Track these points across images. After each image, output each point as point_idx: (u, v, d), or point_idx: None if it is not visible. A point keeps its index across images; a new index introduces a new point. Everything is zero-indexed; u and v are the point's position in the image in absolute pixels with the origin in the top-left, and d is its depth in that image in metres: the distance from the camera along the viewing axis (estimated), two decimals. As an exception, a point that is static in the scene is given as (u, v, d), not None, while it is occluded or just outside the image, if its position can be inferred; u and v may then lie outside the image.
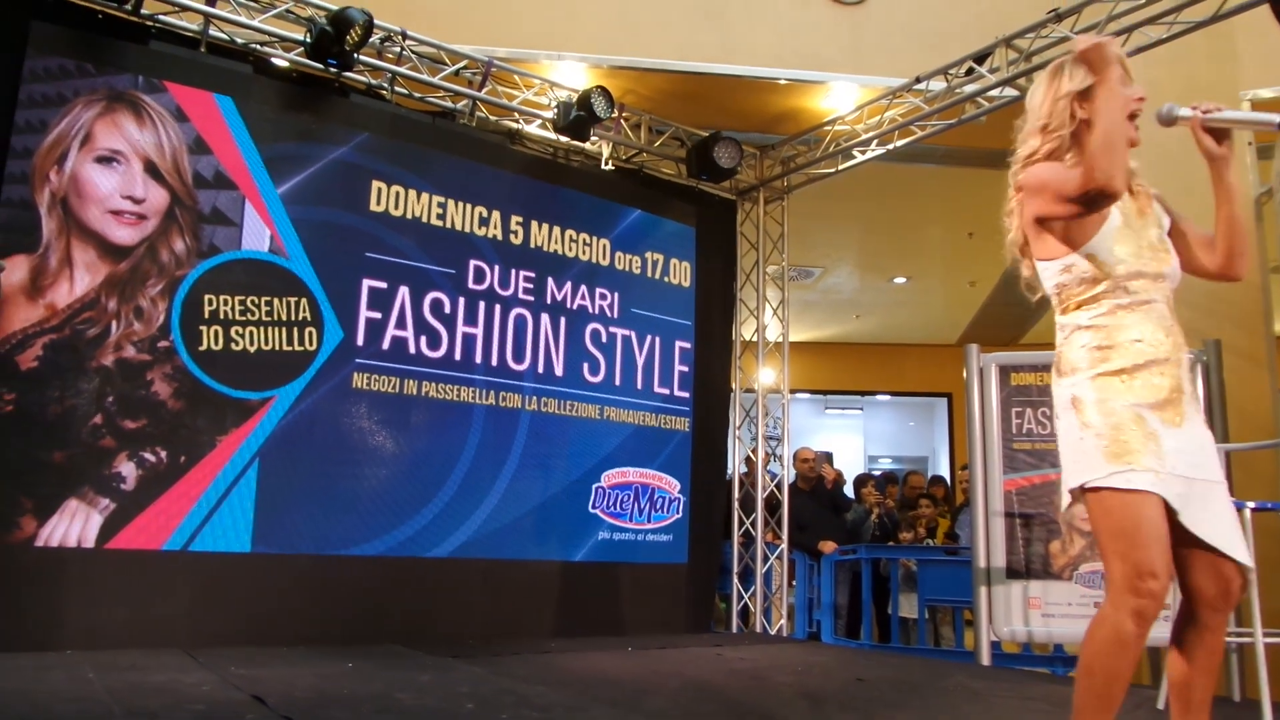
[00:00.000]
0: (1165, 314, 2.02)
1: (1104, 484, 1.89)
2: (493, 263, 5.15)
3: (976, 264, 8.63)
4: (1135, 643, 1.84)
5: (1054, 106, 2.09)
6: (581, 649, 4.54)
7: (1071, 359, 2.03)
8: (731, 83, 5.80)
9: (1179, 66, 5.16)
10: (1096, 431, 1.93)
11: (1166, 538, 1.87)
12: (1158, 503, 1.87)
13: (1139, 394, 1.94)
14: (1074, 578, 4.62)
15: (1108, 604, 1.88)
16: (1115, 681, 1.86)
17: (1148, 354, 1.96)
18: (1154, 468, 1.88)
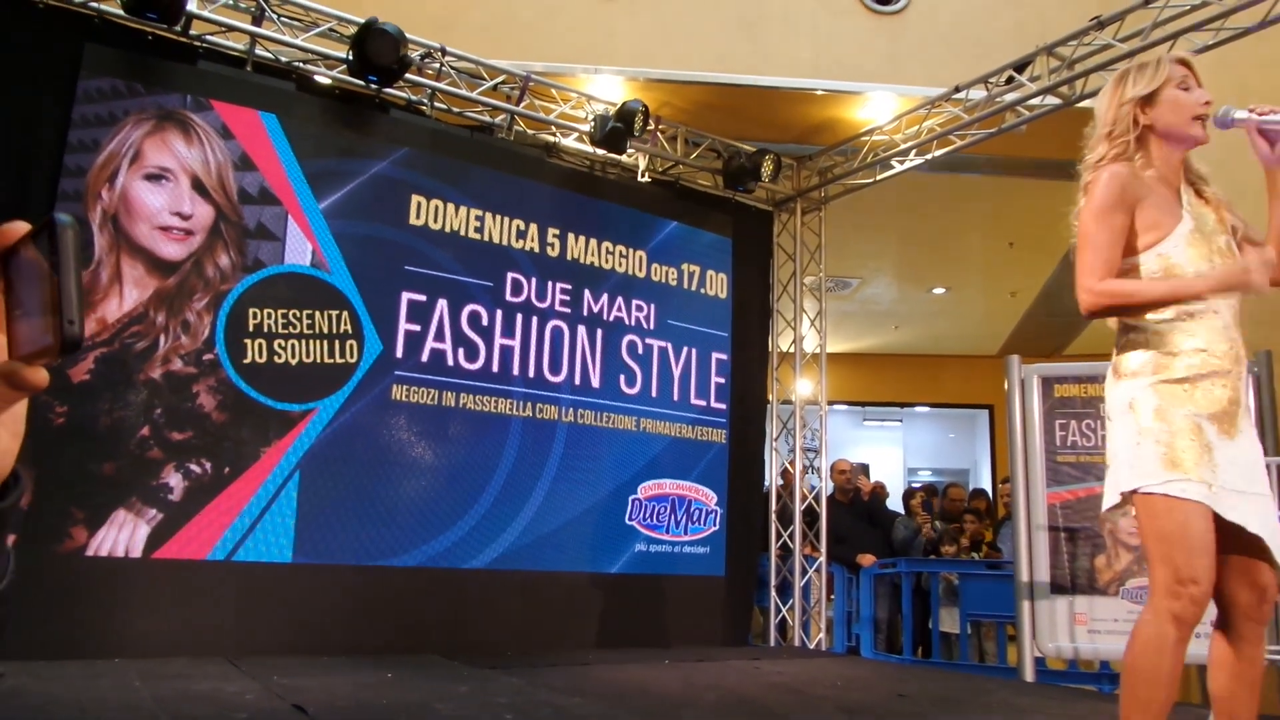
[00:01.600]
0: (1230, 324, 2.01)
1: (1158, 490, 1.88)
2: (530, 275, 5.18)
3: (1017, 274, 8.53)
4: (1175, 647, 1.84)
5: (1118, 113, 2.12)
6: (619, 661, 4.53)
7: (1132, 362, 2.02)
8: (768, 94, 5.81)
9: (1228, 73, 5.06)
10: (1155, 438, 1.92)
11: (1213, 548, 1.87)
12: (1207, 514, 1.86)
13: (1199, 404, 1.93)
14: (1120, 593, 4.53)
15: (1149, 608, 1.89)
16: (1156, 685, 1.84)
17: (1211, 364, 1.96)
18: (1208, 479, 1.88)
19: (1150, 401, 1.94)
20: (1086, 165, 2.15)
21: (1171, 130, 2.08)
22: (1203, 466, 1.88)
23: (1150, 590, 1.90)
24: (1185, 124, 2.07)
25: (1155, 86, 2.08)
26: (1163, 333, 1.99)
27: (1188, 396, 1.93)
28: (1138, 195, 2.02)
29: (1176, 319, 1.99)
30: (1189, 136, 2.08)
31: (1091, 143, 2.17)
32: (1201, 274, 1.97)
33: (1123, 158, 2.09)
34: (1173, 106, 2.07)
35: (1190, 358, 1.96)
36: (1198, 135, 2.08)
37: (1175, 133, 2.08)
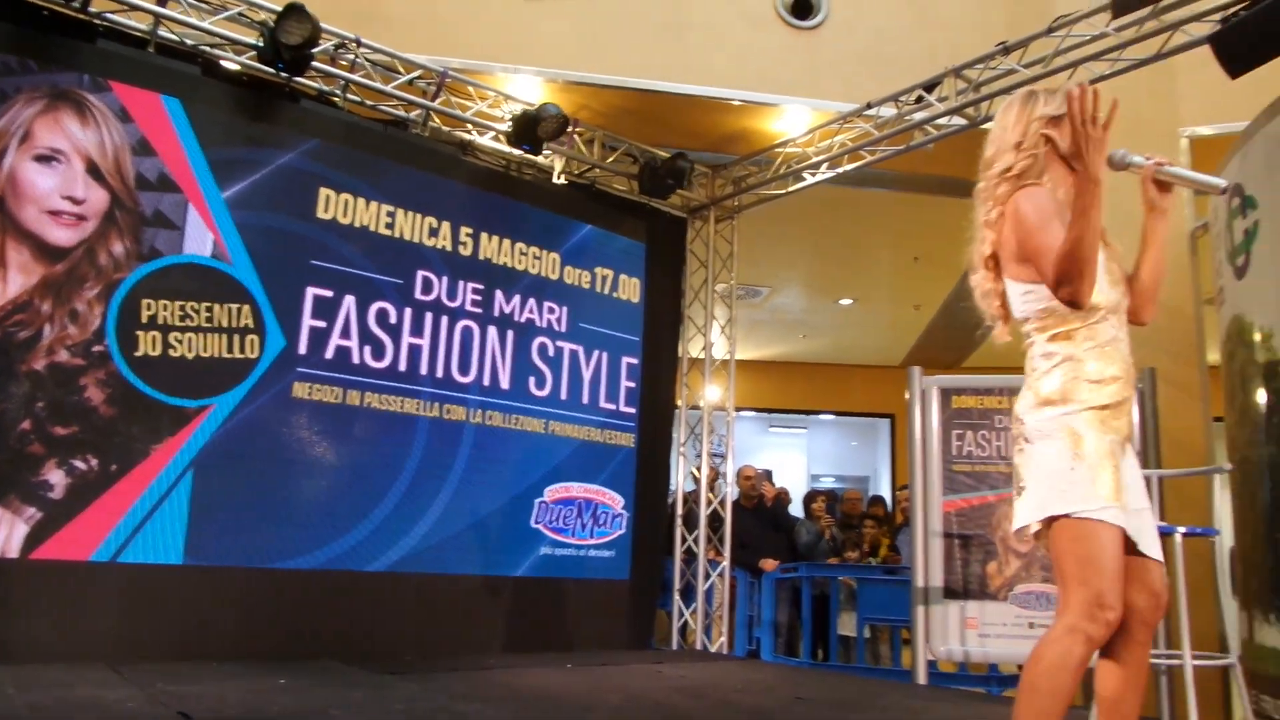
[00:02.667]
0: (1127, 350, 2.09)
1: (1094, 516, 1.92)
2: (441, 274, 5.11)
3: (921, 288, 8.78)
4: (1081, 666, 1.90)
5: (1028, 127, 2.15)
6: (521, 665, 4.50)
7: (1060, 387, 2.03)
8: (686, 101, 5.85)
9: (1122, 103, 5.30)
10: (1089, 465, 1.96)
11: (1124, 573, 1.93)
12: (1121, 538, 1.93)
13: (1116, 429, 2.00)
14: (1009, 598, 4.70)
15: (1061, 627, 1.92)
16: (1058, 702, 1.90)
17: (1124, 392, 2.03)
18: (1125, 504, 1.95)
19: (1079, 429, 1.98)
20: (992, 173, 2.17)
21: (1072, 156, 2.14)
22: (1120, 492, 1.95)
23: (1064, 609, 1.93)
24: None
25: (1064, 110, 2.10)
26: (1083, 359, 2.03)
27: (1108, 425, 2.00)
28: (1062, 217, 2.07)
29: (1095, 346, 2.04)
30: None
31: (993, 154, 2.19)
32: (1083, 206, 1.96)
33: (1030, 172, 2.13)
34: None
35: (1110, 385, 2.01)
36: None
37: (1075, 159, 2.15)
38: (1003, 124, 2.22)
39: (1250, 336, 4.22)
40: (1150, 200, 2.11)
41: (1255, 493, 4.18)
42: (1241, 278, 4.35)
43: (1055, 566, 1.99)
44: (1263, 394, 4.10)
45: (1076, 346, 2.04)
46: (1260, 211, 4.18)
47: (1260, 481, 4.12)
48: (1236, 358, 4.42)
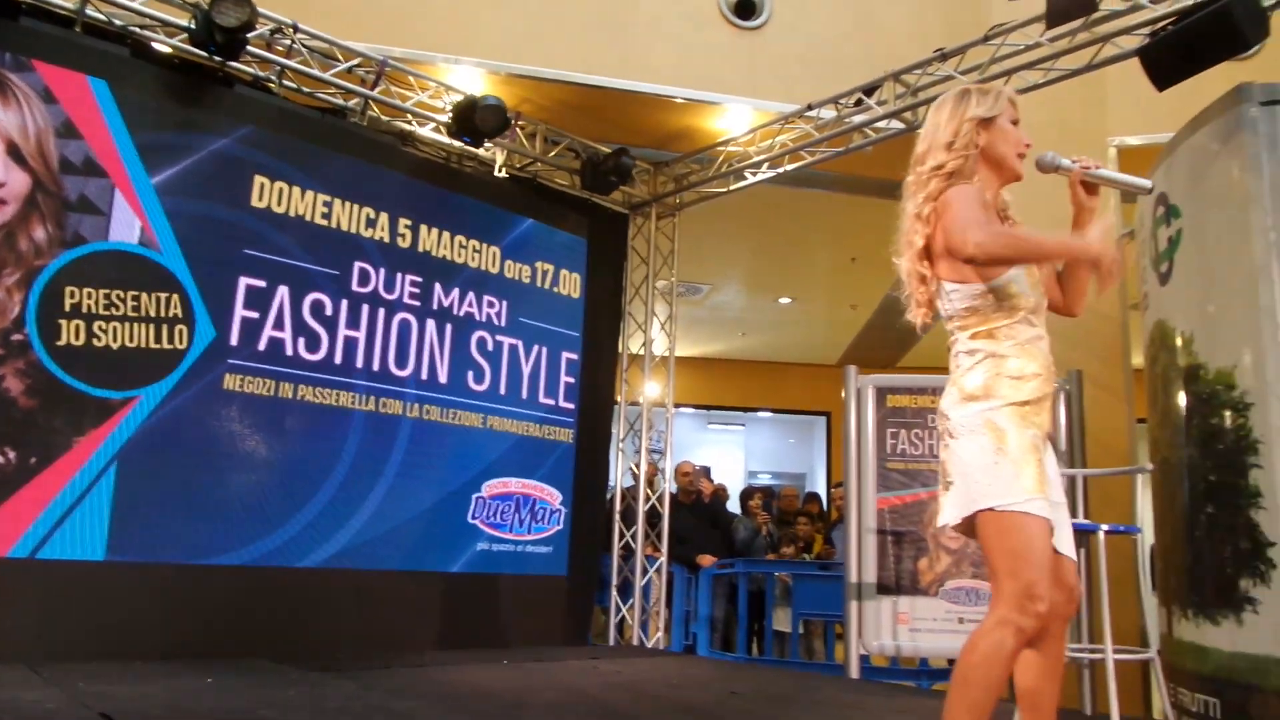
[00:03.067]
0: (1047, 348, 2.14)
1: (1020, 509, 1.97)
2: (378, 265, 5.03)
3: (858, 288, 8.91)
4: (1012, 657, 1.95)
5: (960, 127, 2.19)
6: (456, 662, 4.46)
7: (982, 384, 2.08)
8: (629, 98, 5.84)
9: (1053, 111, 5.45)
10: (1013, 459, 2.01)
11: (1051, 565, 1.98)
12: (1046, 529, 1.98)
13: (1037, 425, 2.06)
14: (940, 593, 4.80)
15: (993, 619, 1.96)
16: (990, 693, 1.94)
17: (1044, 389, 2.09)
18: (1048, 497, 2.00)
19: (1008, 424, 2.03)
20: (924, 168, 2.20)
21: (1001, 159, 2.19)
22: (1045, 484, 2.01)
23: (996, 602, 1.98)
24: (1011, 157, 2.19)
25: (995, 113, 2.18)
26: (1005, 356, 2.08)
27: (1029, 420, 2.05)
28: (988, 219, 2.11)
29: (1016, 344, 2.10)
30: (1011, 170, 2.20)
31: (925, 150, 2.22)
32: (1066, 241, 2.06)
33: (961, 172, 2.16)
34: (1005, 136, 2.18)
35: (1030, 382, 2.07)
36: (1019, 170, 2.20)
37: (1003, 162, 2.19)
38: (935, 121, 2.25)
39: (1172, 341, 4.36)
40: (1079, 202, 2.17)
41: (1175, 493, 4.32)
42: (1165, 284, 4.49)
43: (985, 561, 2.04)
44: (1183, 397, 4.24)
45: (998, 344, 2.10)
46: (1183, 220, 4.32)
47: (1180, 482, 4.26)
48: (1159, 362, 4.57)
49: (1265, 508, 3.66)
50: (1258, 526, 3.68)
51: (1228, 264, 3.96)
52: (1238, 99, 3.95)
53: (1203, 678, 3.97)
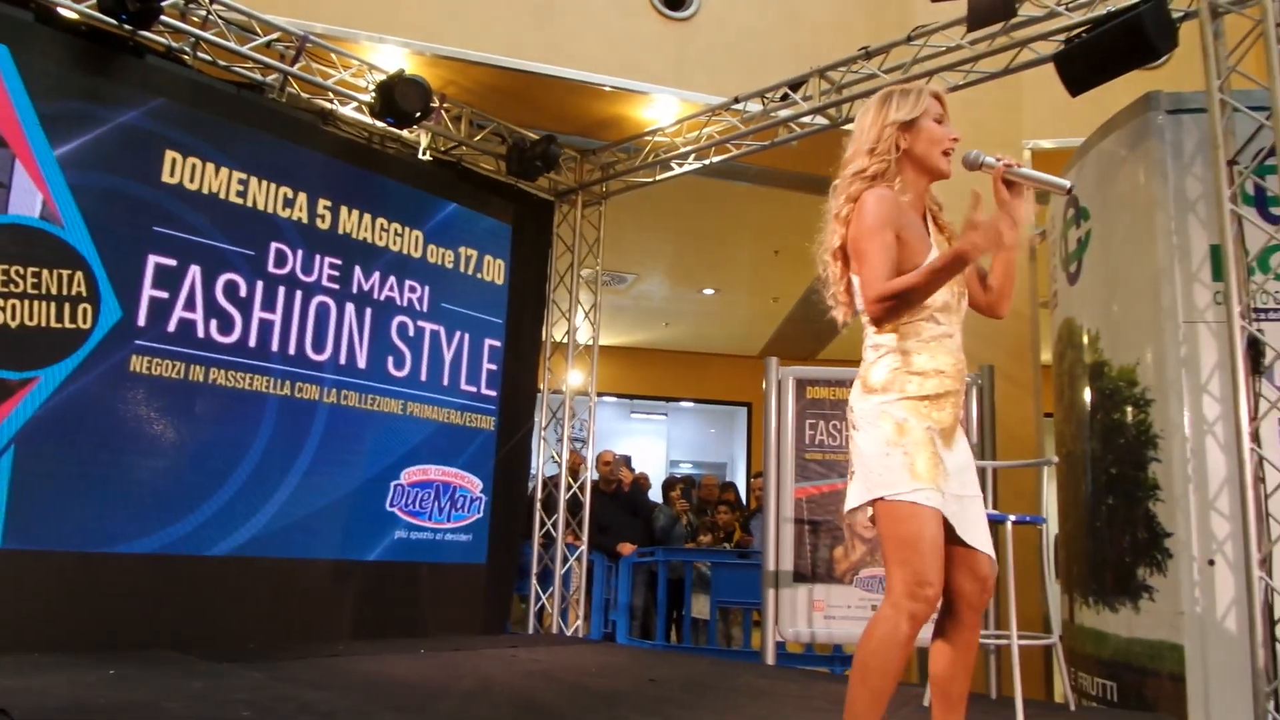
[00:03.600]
0: (958, 345, 2.19)
1: (907, 498, 2.02)
2: (296, 247, 4.90)
3: (781, 281, 9.02)
4: (907, 643, 1.99)
5: (881, 131, 2.22)
6: (372, 651, 4.39)
7: (882, 378, 2.13)
8: (556, 84, 5.80)
9: (971, 112, 5.58)
10: (904, 450, 2.06)
11: (943, 552, 2.03)
12: (939, 519, 2.03)
13: (935, 420, 2.10)
14: (854, 582, 4.90)
15: (887, 606, 2.02)
16: (888, 678, 2.00)
17: (946, 385, 2.13)
18: (941, 488, 2.04)
19: (900, 416, 2.09)
20: (848, 172, 2.23)
21: (924, 159, 2.21)
22: (938, 476, 2.05)
23: (889, 590, 2.04)
24: (936, 156, 2.21)
25: (916, 114, 2.20)
26: (909, 352, 2.13)
27: (927, 413, 2.10)
28: (901, 221, 2.14)
29: (922, 340, 2.14)
30: (937, 168, 2.23)
31: (850, 155, 2.26)
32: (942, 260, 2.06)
33: (884, 176, 2.19)
34: (928, 136, 2.20)
35: (930, 378, 2.12)
36: (945, 168, 2.23)
37: (927, 162, 2.22)
38: (860, 126, 2.28)
39: (1079, 338, 4.52)
40: (1001, 200, 2.21)
41: (1079, 484, 4.49)
42: (1074, 283, 4.65)
43: (883, 550, 2.09)
44: (1088, 393, 4.40)
45: (902, 340, 2.14)
46: (1092, 222, 4.48)
47: (1083, 474, 4.43)
48: (1066, 358, 4.73)
49: (1163, 500, 3.83)
50: (1155, 518, 3.85)
51: (1132, 265, 4.12)
52: (1145, 107, 4.11)
53: (1101, 662, 4.15)
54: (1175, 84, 4.18)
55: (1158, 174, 4.01)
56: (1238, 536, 3.52)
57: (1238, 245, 3.61)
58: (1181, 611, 3.66)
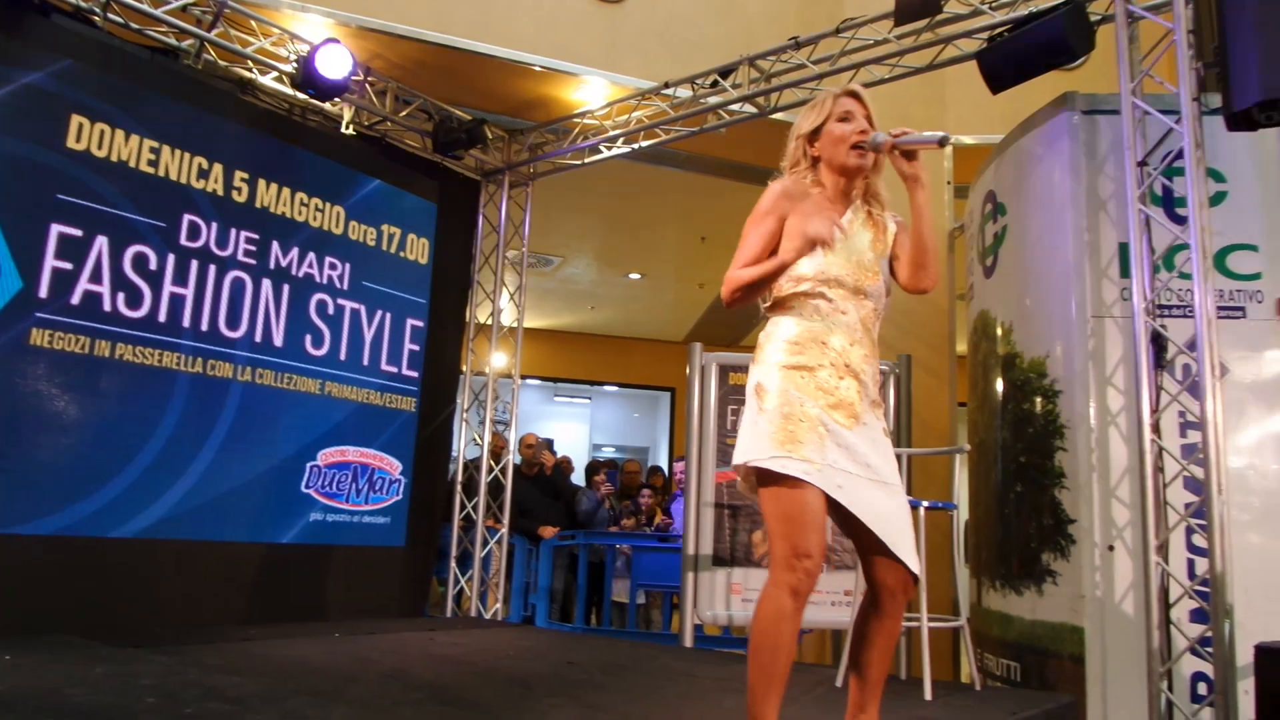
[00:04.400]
0: (856, 326, 2.23)
1: (766, 465, 2.07)
2: (210, 219, 4.75)
3: (706, 267, 9.07)
4: (793, 616, 2.03)
5: (792, 144, 2.38)
6: (285, 636, 4.30)
7: (766, 349, 2.23)
8: (485, 62, 5.71)
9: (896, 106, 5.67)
10: (770, 418, 2.11)
11: (823, 524, 2.08)
12: (817, 493, 2.06)
13: (816, 392, 2.13)
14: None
15: (768, 582, 2.07)
16: (778, 654, 2.03)
17: (830, 357, 2.17)
18: (813, 459, 2.06)
19: (774, 384, 2.15)
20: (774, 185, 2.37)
21: (832, 160, 2.32)
22: (811, 447, 2.08)
23: (770, 565, 2.08)
24: (842, 154, 2.29)
25: (819, 123, 2.32)
26: (792, 326, 2.23)
27: (805, 383, 2.14)
28: (791, 207, 2.25)
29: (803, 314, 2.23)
30: (844, 165, 2.30)
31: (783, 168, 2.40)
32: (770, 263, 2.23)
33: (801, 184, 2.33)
34: (831, 140, 2.30)
35: (813, 349, 2.18)
36: (853, 163, 2.29)
37: (834, 162, 2.31)
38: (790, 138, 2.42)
39: (994, 330, 4.65)
40: (902, 172, 2.29)
41: (989, 472, 4.63)
42: (989, 277, 4.77)
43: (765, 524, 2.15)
44: (1000, 383, 4.53)
45: (786, 315, 2.25)
46: (1008, 218, 4.60)
47: (994, 462, 4.56)
48: (981, 349, 4.86)
49: (1068, 487, 3.97)
50: (1060, 505, 3.99)
51: (1045, 261, 4.24)
52: (1062, 106, 4.23)
53: (1006, 643, 4.29)
54: (1091, 86, 4.31)
55: (1072, 173, 4.13)
56: (1137, 524, 3.68)
57: (1145, 244, 3.75)
58: (1082, 595, 3.80)
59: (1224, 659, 3.29)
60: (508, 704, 3.07)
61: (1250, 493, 3.70)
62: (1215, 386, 3.44)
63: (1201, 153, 3.63)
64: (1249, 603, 3.46)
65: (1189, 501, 3.57)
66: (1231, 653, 3.30)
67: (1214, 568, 3.33)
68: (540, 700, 3.13)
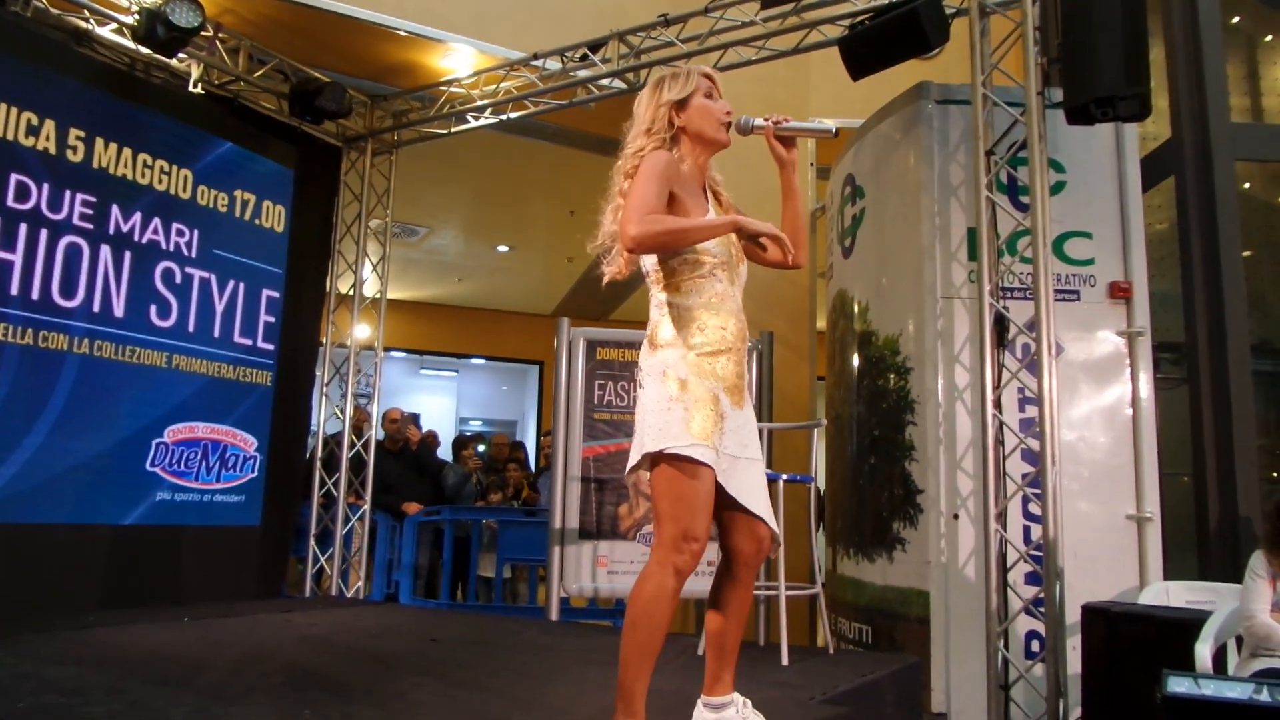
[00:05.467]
0: (739, 307, 2.28)
1: (682, 453, 2.07)
2: (41, 180, 4.41)
3: (575, 241, 8.97)
4: (674, 596, 2.08)
5: (655, 113, 2.32)
6: (129, 622, 4.08)
7: (666, 334, 2.20)
8: (346, 23, 5.48)
9: (761, 87, 5.79)
10: (684, 406, 2.11)
11: (711, 508, 2.12)
12: (710, 475, 2.11)
13: (719, 377, 2.17)
14: (637, 537, 5.04)
15: (653, 561, 2.09)
16: (656, 631, 2.07)
17: (727, 341, 2.21)
18: (716, 445, 2.12)
19: (683, 372, 2.16)
20: (627, 152, 2.32)
21: (701, 133, 2.32)
22: (715, 433, 2.13)
23: (656, 544, 2.11)
24: (713, 128, 2.32)
25: (688, 93, 2.31)
26: (693, 308, 2.21)
27: (709, 369, 2.18)
28: (677, 180, 2.23)
29: (704, 297, 2.22)
30: (715, 140, 2.34)
31: (631, 135, 2.35)
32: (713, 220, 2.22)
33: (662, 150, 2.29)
34: (702, 112, 2.31)
35: (713, 333, 2.20)
36: (722, 139, 2.35)
37: (704, 135, 2.32)
38: (637, 111, 2.37)
39: (851, 309, 4.82)
40: (778, 157, 2.35)
41: (845, 445, 4.81)
42: (848, 257, 4.94)
43: (653, 505, 2.16)
44: (857, 359, 4.71)
45: (684, 298, 2.22)
46: (866, 201, 4.77)
47: (850, 436, 4.75)
48: (839, 327, 5.03)
49: (918, 460, 4.17)
50: (910, 476, 4.19)
51: (900, 243, 4.42)
52: (918, 95, 4.40)
53: (859, 608, 4.49)
54: (946, 75, 4.50)
55: (925, 159, 4.31)
56: (979, 493, 3.90)
57: (990, 229, 3.96)
58: (929, 561, 4.02)
59: (1054, 618, 3.54)
60: (368, 683, 3.01)
61: (1080, 463, 3.99)
62: (1051, 365, 3.67)
63: (1044, 144, 3.85)
64: (1077, 566, 3.74)
65: (1026, 472, 3.81)
66: (1061, 612, 3.55)
67: (1047, 534, 3.57)
68: (401, 678, 3.08)
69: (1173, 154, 4.98)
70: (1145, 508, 3.93)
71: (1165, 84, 5.01)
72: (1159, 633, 3.19)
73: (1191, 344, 4.78)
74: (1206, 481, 4.61)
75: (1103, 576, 3.81)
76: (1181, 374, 4.91)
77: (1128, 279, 4.11)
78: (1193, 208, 4.83)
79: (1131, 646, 3.26)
